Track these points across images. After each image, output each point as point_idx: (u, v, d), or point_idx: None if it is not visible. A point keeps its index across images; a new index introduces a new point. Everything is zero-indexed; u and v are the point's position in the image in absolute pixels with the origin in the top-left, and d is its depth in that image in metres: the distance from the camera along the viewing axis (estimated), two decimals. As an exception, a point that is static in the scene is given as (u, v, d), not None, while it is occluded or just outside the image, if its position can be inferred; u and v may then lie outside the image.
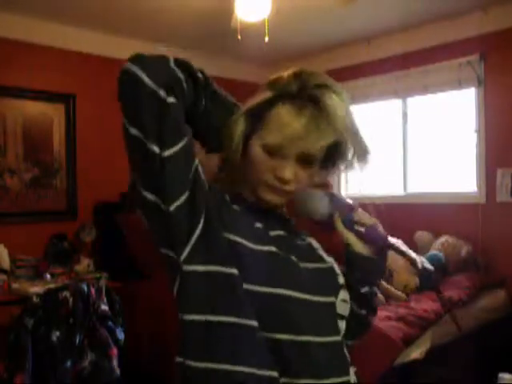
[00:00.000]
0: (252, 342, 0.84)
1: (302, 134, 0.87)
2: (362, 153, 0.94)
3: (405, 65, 4.08)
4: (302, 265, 0.93)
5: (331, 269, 0.98)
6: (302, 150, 0.89)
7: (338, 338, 0.92)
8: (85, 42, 3.97)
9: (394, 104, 4.29)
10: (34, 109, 3.79)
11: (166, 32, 3.99)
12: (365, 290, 1.00)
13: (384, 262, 1.02)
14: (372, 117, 4.38)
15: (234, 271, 0.85)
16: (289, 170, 0.90)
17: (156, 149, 0.81)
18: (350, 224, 0.99)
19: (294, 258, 0.92)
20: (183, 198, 0.84)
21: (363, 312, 1.02)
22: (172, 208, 0.83)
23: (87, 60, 4.01)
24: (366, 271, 0.99)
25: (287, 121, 0.88)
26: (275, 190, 0.92)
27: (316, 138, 0.88)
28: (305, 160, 0.91)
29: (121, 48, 4.05)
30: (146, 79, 0.80)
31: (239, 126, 0.92)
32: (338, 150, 0.94)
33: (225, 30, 3.39)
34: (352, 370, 0.93)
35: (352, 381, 0.91)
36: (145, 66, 0.82)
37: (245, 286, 0.84)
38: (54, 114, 3.88)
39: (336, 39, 4.29)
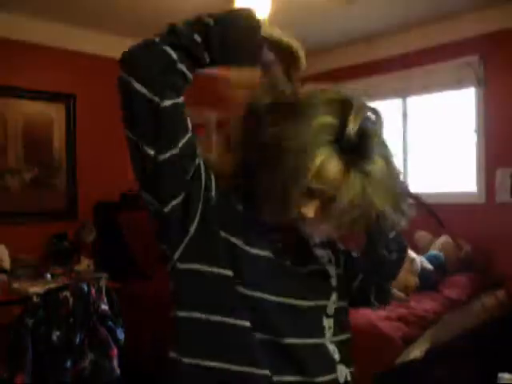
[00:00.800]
0: (243, 342, 0.85)
1: None
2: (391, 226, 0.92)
3: (405, 65, 4.08)
4: (297, 269, 0.93)
5: (325, 272, 0.99)
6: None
7: (322, 341, 0.93)
8: (85, 42, 3.97)
9: (394, 104, 4.29)
10: (34, 109, 3.79)
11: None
12: (392, 234, 1.05)
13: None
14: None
15: (228, 272, 0.85)
16: (313, 210, 0.86)
17: (151, 152, 0.80)
18: None
19: (288, 263, 0.92)
20: (178, 199, 0.84)
21: (394, 256, 1.07)
22: (167, 209, 0.83)
23: (87, 60, 4.01)
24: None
25: (332, 178, 0.81)
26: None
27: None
28: (329, 205, 0.87)
29: (121, 48, 3.99)
30: (136, 84, 0.78)
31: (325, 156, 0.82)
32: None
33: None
34: (339, 368, 0.93)
35: (341, 380, 0.92)
36: (131, 68, 0.79)
37: (238, 288, 0.85)
38: (54, 114, 3.88)
39: (336, 39, 4.29)
